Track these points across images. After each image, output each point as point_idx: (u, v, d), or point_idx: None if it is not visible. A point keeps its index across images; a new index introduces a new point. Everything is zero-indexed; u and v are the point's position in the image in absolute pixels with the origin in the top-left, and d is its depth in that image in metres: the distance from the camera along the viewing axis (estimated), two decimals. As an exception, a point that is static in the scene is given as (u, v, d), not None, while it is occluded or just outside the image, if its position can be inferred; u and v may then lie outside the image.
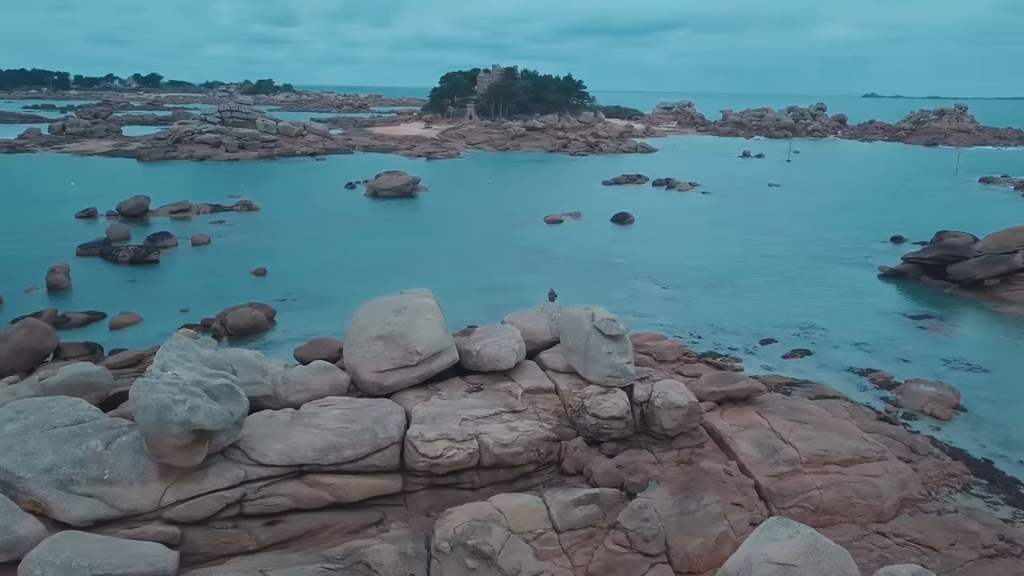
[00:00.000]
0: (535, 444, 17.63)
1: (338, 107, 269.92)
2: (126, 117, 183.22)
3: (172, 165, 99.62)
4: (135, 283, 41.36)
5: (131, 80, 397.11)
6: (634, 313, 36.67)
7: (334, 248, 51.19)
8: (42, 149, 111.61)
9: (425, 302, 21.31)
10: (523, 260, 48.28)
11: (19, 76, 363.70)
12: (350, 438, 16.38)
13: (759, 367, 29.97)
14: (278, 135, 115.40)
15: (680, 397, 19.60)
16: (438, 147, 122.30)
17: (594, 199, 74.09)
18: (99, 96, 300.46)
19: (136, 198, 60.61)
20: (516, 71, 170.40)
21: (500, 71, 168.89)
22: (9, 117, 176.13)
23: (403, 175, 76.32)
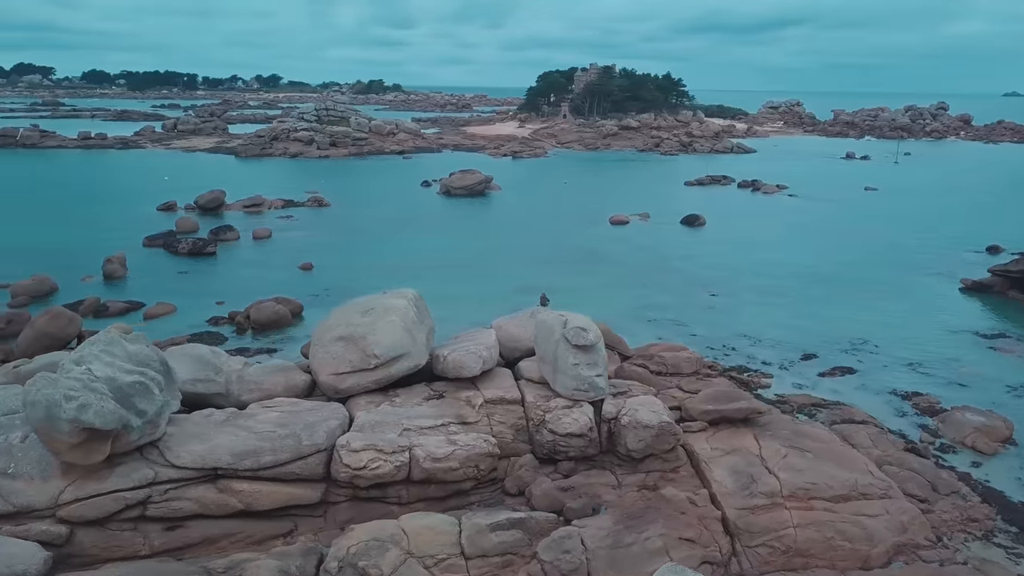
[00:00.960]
0: (474, 460, 16.49)
1: (442, 107, 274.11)
2: (239, 116, 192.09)
3: (266, 162, 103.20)
4: (185, 275, 42.55)
5: (253, 81, 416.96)
6: (673, 320, 34.77)
7: (389, 245, 51.24)
8: (152, 145, 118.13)
9: (395, 303, 20.47)
10: (574, 261, 46.80)
11: (153, 77, 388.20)
12: (272, 443, 15.74)
13: (789, 385, 27.58)
14: (370, 133, 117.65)
15: (651, 416, 18.02)
16: (526, 146, 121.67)
17: (670, 200, 71.46)
18: (221, 96, 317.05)
19: (212, 192, 62.77)
20: (614, 69, 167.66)
21: (597, 70, 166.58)
22: (134, 115, 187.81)
23: (476, 174, 75.98)
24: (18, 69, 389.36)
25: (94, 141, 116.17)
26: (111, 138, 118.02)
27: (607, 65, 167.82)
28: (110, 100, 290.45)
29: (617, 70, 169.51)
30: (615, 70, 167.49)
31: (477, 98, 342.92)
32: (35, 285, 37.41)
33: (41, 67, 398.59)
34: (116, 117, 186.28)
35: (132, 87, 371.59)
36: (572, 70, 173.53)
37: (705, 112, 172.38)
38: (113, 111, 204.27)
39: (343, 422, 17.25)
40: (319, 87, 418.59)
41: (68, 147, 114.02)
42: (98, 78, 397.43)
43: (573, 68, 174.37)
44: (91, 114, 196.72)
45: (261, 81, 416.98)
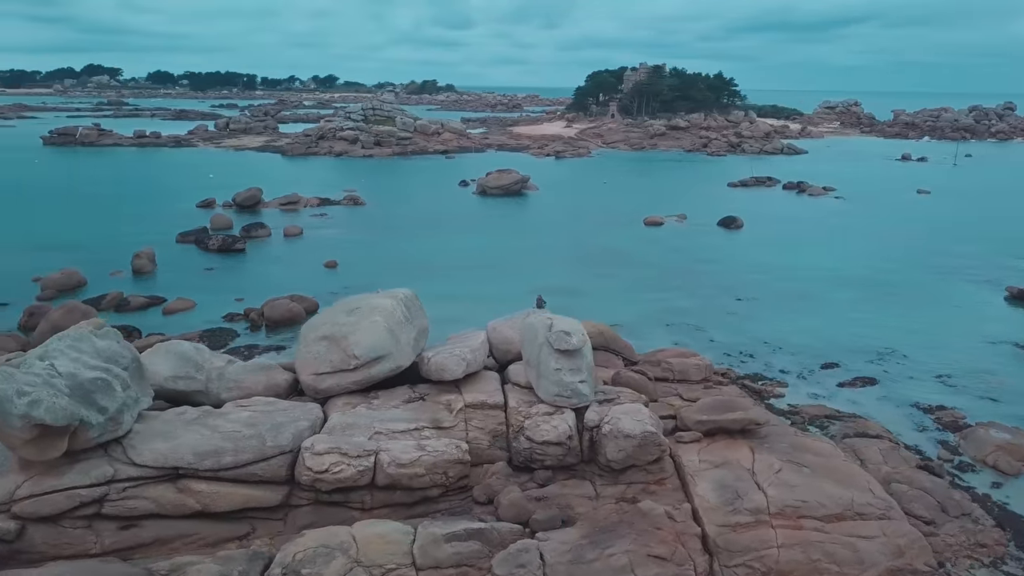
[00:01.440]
0: (442, 466, 16.00)
1: (493, 107, 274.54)
2: (292, 115, 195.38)
3: (311, 160, 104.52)
4: (211, 271, 43.05)
5: (310, 81, 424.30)
6: (692, 325, 33.76)
7: (418, 244, 51.13)
8: (203, 144, 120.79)
9: (381, 303, 20.09)
10: (600, 263, 45.96)
11: (214, 78, 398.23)
12: (235, 443, 15.51)
13: (805, 395, 26.41)
14: (414, 133, 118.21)
15: (633, 425, 17.27)
16: (570, 146, 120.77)
17: (710, 201, 69.83)
18: (278, 96, 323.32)
19: (250, 190, 63.63)
20: (664, 69, 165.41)
21: (647, 69, 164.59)
22: (191, 114, 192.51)
23: (512, 173, 75.52)
24: (88, 70, 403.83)
25: (148, 139, 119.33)
26: (165, 136, 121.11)
27: (657, 64, 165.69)
28: (172, 100, 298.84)
29: (667, 69, 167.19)
30: (665, 69, 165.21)
31: (529, 98, 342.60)
32: (63, 279, 38.26)
33: (110, 68, 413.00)
34: (175, 116, 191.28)
35: (194, 87, 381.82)
36: (622, 69, 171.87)
37: (758, 112, 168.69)
38: (172, 111, 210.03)
39: (315, 423, 16.95)
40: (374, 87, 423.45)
41: (124, 145, 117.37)
42: (162, 79, 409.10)
43: (623, 67, 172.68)
44: (151, 113, 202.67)
45: (318, 81, 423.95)
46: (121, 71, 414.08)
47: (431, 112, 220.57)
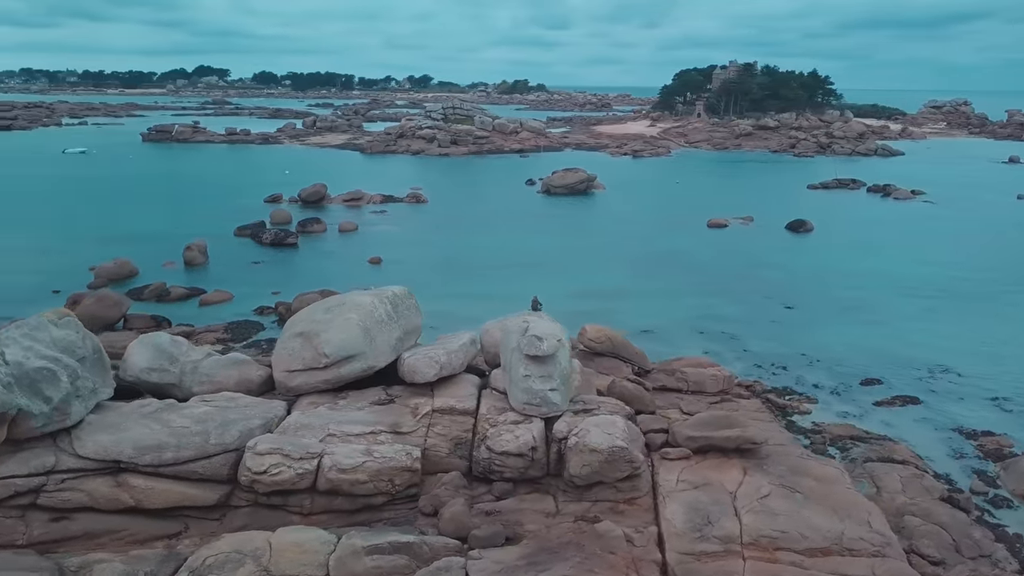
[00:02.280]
0: (387, 473, 15.28)
1: (581, 106, 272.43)
2: (380, 114, 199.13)
3: (388, 158, 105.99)
4: (258, 264, 43.80)
5: (405, 81, 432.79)
6: (729, 333, 31.94)
7: (468, 242, 50.75)
8: (289, 141, 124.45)
9: (361, 301, 19.57)
10: (651, 265, 44.33)
11: (314, 78, 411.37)
12: (179, 439, 15.23)
13: (834, 413, 24.39)
14: (492, 132, 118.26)
15: (602, 439, 16.12)
16: (649, 145, 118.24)
17: (785, 203, 66.62)
18: (373, 96, 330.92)
19: (314, 186, 64.75)
20: (755, 67, 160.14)
21: (737, 67, 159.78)
22: (286, 113, 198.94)
23: (579, 172, 74.24)
24: (199, 71, 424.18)
25: (238, 137, 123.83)
26: (253, 134, 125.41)
27: (748, 62, 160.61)
28: (273, 100, 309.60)
29: (759, 67, 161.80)
30: (756, 67, 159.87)
31: (620, 97, 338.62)
32: (115, 268, 39.62)
33: (218, 69, 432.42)
34: (271, 115, 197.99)
35: (295, 87, 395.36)
36: (711, 68, 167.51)
37: (856, 112, 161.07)
38: (270, 109, 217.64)
39: (269, 422, 16.53)
40: (467, 87, 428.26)
41: (215, 142, 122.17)
42: (266, 79, 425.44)
43: (712, 66, 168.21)
44: (249, 112, 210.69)
45: (413, 81, 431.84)
46: (229, 72, 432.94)
47: (519, 112, 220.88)
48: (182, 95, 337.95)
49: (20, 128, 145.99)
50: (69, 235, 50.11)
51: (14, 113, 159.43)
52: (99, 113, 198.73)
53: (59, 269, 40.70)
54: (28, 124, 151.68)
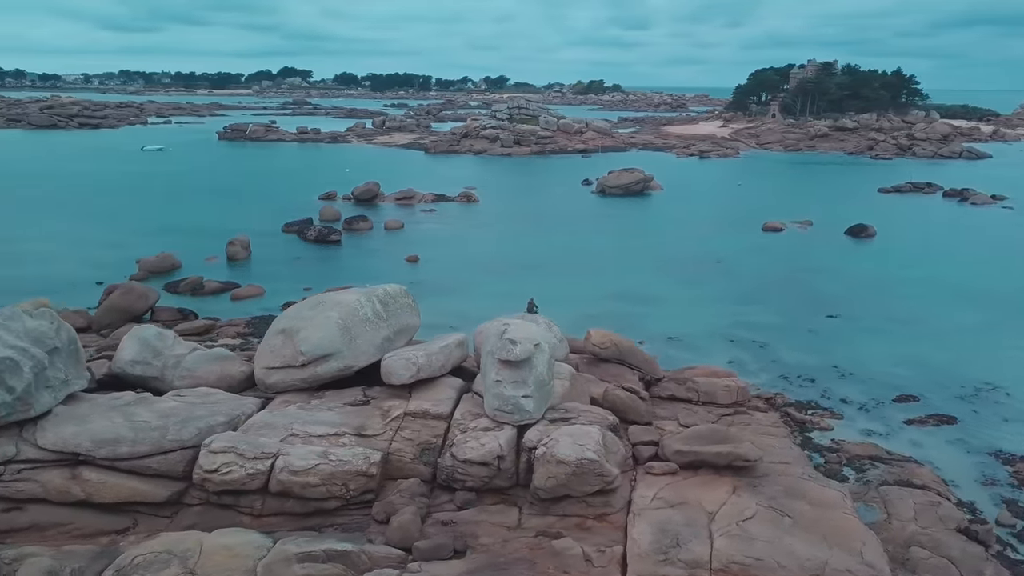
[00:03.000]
0: (341, 477, 14.79)
1: (656, 106, 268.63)
2: (452, 115, 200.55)
3: (450, 158, 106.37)
4: (298, 260, 44.26)
5: (481, 82, 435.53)
6: (760, 342, 30.41)
7: (511, 241, 50.24)
8: (357, 140, 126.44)
9: (345, 299, 19.20)
10: (694, 269, 42.82)
11: (393, 79, 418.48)
12: (136, 434, 15.10)
13: (857, 431, 22.78)
14: (556, 132, 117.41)
15: (571, 450, 15.25)
16: (717, 146, 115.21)
17: (850, 207, 63.60)
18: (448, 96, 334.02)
19: (367, 184, 65.33)
20: (834, 66, 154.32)
21: (815, 66, 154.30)
22: (359, 113, 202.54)
23: (635, 172, 72.73)
24: (283, 72, 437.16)
25: (308, 136, 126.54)
26: (323, 133, 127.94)
27: (827, 61, 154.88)
28: (352, 100, 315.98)
29: (839, 66, 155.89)
30: (836, 66, 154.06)
31: (697, 98, 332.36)
32: (158, 261, 40.62)
33: (302, 71, 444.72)
34: (346, 115, 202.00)
35: (374, 88, 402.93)
36: (788, 67, 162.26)
37: (944, 113, 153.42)
38: (345, 109, 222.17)
39: (235, 420, 16.28)
40: (543, 88, 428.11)
41: (286, 141, 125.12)
42: (347, 80, 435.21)
43: (790, 65, 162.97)
44: (326, 112, 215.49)
45: (489, 82, 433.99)
46: (311, 73, 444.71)
47: (592, 112, 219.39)
48: (266, 95, 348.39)
49: (108, 126, 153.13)
50: (127, 228, 51.82)
51: (105, 112, 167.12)
52: (184, 112, 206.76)
53: (110, 261, 42.03)
54: (116, 123, 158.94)
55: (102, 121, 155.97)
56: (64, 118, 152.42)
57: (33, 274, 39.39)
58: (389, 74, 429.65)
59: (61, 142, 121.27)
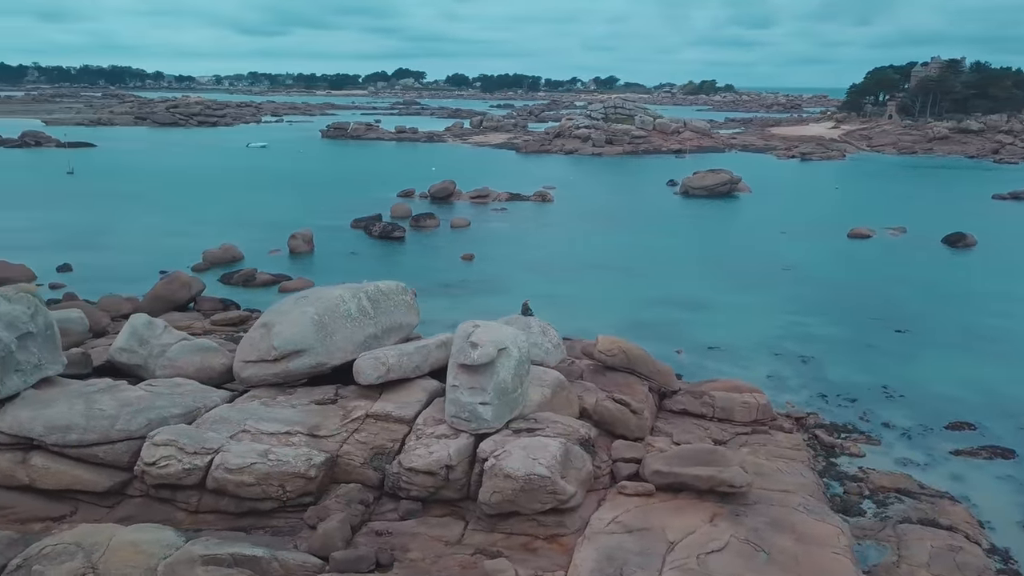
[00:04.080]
0: (277, 478, 14.31)
1: (768, 107, 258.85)
2: (553, 115, 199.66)
3: (541, 157, 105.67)
4: (355, 255, 44.59)
5: (591, 83, 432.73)
6: (805, 356, 28.17)
7: (573, 241, 49.01)
8: (452, 139, 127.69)
9: (328, 294, 18.79)
10: (762, 276, 40.32)
11: (503, 80, 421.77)
12: (88, 422, 15.13)
13: (892, 459, 20.51)
14: (652, 131, 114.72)
15: (522, 464, 14.25)
16: (822, 148, 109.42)
17: (954, 214, 58.69)
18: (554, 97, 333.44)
19: (443, 182, 65.50)
20: (961, 63, 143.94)
21: (939, 64, 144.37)
22: (463, 113, 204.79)
23: (721, 174, 69.76)
24: (398, 74, 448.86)
25: (406, 135, 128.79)
26: (420, 132, 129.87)
27: (952, 59, 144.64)
28: (461, 100, 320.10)
29: (967, 64, 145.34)
30: (963, 64, 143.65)
31: (815, 99, 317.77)
32: (221, 253, 41.80)
33: (415, 72, 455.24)
34: (450, 114, 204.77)
35: (484, 89, 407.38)
36: (910, 65, 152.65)
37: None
38: (450, 109, 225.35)
39: (193, 413, 16.10)
40: (653, 88, 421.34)
41: (384, 139, 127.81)
42: (458, 81, 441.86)
43: (911, 63, 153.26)
44: (431, 112, 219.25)
45: (598, 83, 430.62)
46: (425, 74, 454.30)
47: (699, 113, 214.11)
48: (380, 96, 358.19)
49: (224, 124, 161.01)
50: (207, 220, 53.75)
51: (224, 111, 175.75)
52: (298, 112, 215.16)
53: (179, 250, 43.50)
54: (232, 121, 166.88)
55: (219, 119, 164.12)
56: (185, 116, 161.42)
57: (109, 262, 41.38)
58: (500, 75, 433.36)
59: (175, 139, 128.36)
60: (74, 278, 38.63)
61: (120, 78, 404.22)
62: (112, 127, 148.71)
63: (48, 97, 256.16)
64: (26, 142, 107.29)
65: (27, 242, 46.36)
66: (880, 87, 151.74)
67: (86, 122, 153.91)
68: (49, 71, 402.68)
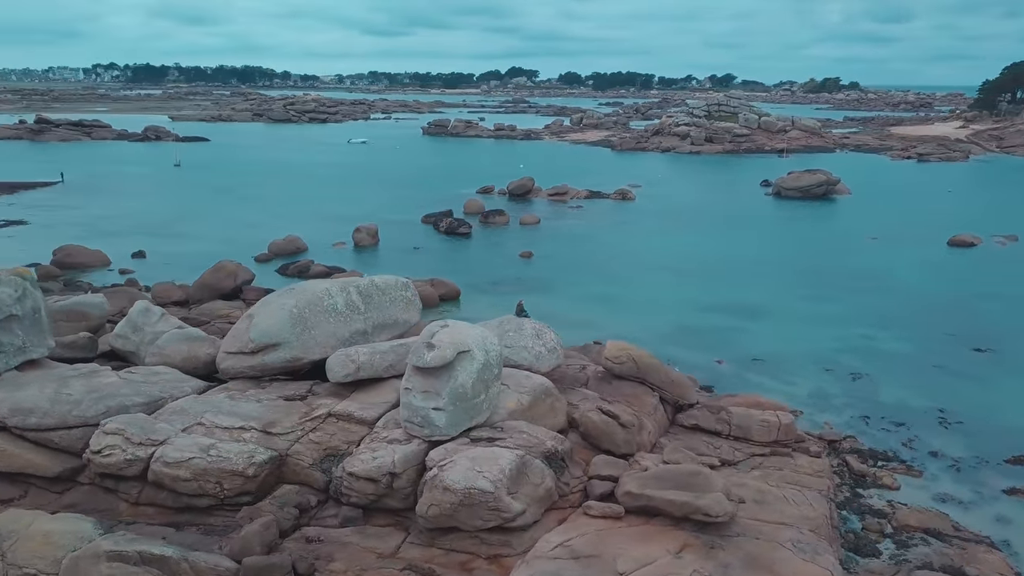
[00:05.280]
0: (215, 475, 13.90)
1: (895, 106, 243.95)
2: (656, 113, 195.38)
3: (635, 155, 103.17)
4: (417, 251, 44.40)
5: (706, 80, 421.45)
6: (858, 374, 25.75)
7: (643, 241, 47.27)
8: (549, 137, 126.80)
9: (313, 287, 18.40)
10: (837, 284, 37.37)
11: (615, 78, 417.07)
12: (52, 407, 15.22)
13: (930, 494, 18.18)
14: (756, 130, 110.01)
15: (462, 477, 13.29)
16: (943, 148, 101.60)
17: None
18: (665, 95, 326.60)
19: (522, 179, 64.76)
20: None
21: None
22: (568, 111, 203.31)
23: (818, 175, 65.67)
24: (510, 72, 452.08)
25: (504, 132, 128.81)
26: (518, 130, 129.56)
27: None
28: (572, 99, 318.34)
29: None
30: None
31: (949, 97, 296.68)
32: (284, 244, 42.60)
33: (528, 70, 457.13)
34: (556, 112, 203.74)
35: (596, 87, 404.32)
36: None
37: None
38: (556, 107, 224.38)
39: (156, 402, 15.96)
40: (773, 86, 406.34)
41: (483, 136, 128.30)
42: (571, 79, 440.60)
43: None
44: (536, 110, 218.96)
45: (714, 81, 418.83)
46: (537, 73, 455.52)
47: (819, 111, 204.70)
48: (492, 95, 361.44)
49: (335, 121, 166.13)
50: (284, 212, 55.16)
51: (337, 109, 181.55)
52: (408, 109, 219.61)
53: (250, 240, 44.51)
54: (343, 118, 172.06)
55: (330, 116, 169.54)
56: (299, 113, 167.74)
57: (181, 250, 42.96)
58: (612, 73, 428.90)
59: (284, 134, 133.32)
60: (146, 264, 40.29)
61: (250, 77, 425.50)
62: (231, 123, 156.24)
63: (182, 95, 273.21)
64: (147, 136, 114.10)
65: (115, 228, 48.97)
66: (1017, 83, 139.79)
67: (208, 118, 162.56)
68: (188, 71, 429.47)
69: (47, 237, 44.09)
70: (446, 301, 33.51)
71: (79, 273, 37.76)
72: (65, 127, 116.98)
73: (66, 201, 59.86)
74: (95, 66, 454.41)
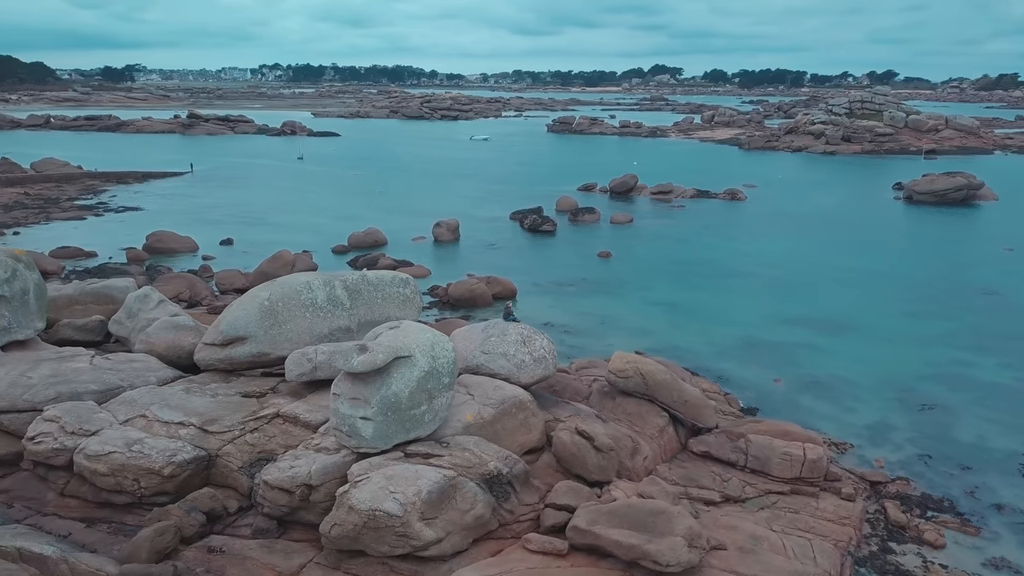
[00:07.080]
0: (132, 472, 13.33)
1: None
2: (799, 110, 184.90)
3: (761, 154, 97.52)
4: (492, 247, 43.27)
5: (863, 77, 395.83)
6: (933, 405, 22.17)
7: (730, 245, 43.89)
8: (676, 135, 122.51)
9: (291, 282, 17.60)
10: (951, 300, 33.00)
11: (763, 76, 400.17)
12: (7, 389, 15.20)
13: (984, 556, 15.15)
14: (903, 129, 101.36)
15: (368, 497, 12.20)
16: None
17: None
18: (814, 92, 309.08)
19: (624, 176, 62.36)
20: None
21: None
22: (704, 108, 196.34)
23: (957, 178, 59.05)
24: (653, 70, 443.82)
25: (629, 129, 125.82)
26: (644, 127, 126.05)
27: None
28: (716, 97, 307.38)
29: None
30: None
31: None
32: (364, 237, 42.70)
33: (672, 68, 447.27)
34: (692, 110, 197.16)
35: (743, 85, 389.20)
36: None
37: None
38: (693, 105, 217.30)
39: (111, 391, 15.64)
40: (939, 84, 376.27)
41: (607, 134, 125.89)
42: (716, 77, 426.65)
43: None
44: (672, 108, 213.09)
45: (873, 78, 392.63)
46: (681, 70, 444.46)
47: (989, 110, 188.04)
48: (634, 92, 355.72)
49: (466, 118, 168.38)
50: (378, 204, 55.71)
51: (471, 106, 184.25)
52: (542, 107, 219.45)
53: (336, 232, 45.01)
54: (475, 116, 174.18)
55: (462, 114, 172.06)
56: (432, 110, 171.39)
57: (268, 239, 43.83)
58: (761, 70, 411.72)
59: (414, 131, 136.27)
60: (230, 251, 41.48)
61: (400, 76, 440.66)
62: (367, 119, 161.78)
63: (332, 93, 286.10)
64: (283, 131, 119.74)
65: (217, 216, 51.04)
66: None
67: (347, 114, 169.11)
68: (343, 70, 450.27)
69: (152, 223, 46.31)
70: (499, 298, 32.10)
71: (165, 258, 39.30)
72: (213, 122, 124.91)
73: (187, 190, 63.26)
74: (261, 66, 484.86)
